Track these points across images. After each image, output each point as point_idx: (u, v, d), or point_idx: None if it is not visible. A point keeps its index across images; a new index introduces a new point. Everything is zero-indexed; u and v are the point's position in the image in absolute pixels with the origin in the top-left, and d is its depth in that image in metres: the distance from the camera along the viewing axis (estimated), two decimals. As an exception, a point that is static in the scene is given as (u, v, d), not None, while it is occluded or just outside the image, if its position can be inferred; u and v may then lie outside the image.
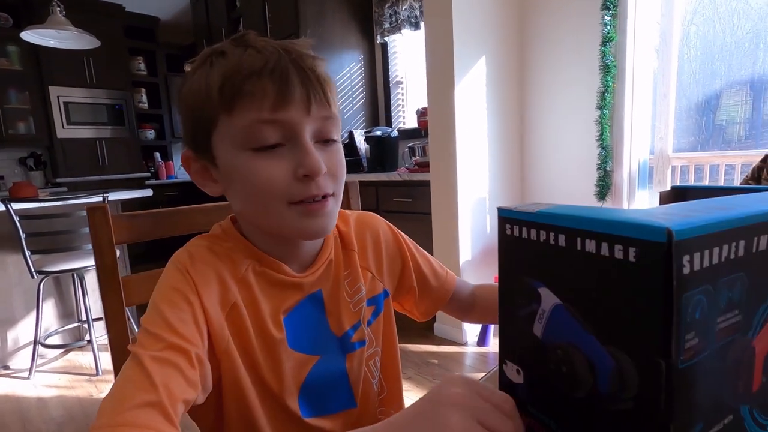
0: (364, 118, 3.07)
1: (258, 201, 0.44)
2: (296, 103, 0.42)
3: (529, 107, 2.27)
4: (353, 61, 2.96)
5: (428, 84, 2.05)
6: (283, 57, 0.42)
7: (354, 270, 0.53)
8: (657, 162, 2.06)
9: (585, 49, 2.04)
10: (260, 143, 0.42)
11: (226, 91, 0.41)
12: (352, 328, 0.52)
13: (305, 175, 0.42)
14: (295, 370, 0.48)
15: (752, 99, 1.81)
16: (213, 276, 0.45)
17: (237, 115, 0.41)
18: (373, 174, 2.54)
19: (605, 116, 2.01)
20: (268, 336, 0.47)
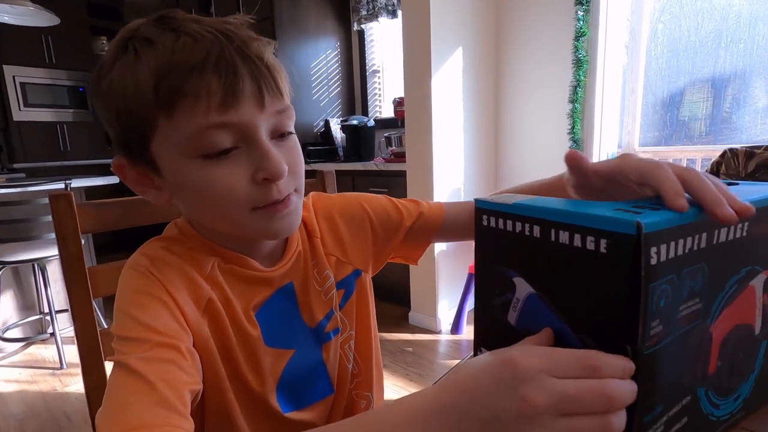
0: (341, 106, 3.04)
1: (216, 210, 0.40)
2: (248, 100, 0.37)
3: (504, 99, 2.30)
4: (329, 48, 2.91)
5: (405, 73, 2.04)
6: (225, 46, 0.36)
7: (320, 257, 0.52)
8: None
9: (559, 43, 2.07)
10: (212, 149, 0.37)
11: (162, 92, 0.35)
12: (325, 317, 0.51)
13: (265, 179, 0.39)
14: (271, 366, 0.47)
15: (713, 96, 1.89)
16: (179, 276, 0.42)
17: (179, 119, 0.36)
18: (349, 163, 2.53)
19: (576, 110, 2.06)
20: (246, 333, 0.45)
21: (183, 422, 0.33)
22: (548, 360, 0.24)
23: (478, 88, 2.20)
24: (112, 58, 0.38)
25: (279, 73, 0.40)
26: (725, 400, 0.32)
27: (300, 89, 2.77)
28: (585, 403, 0.23)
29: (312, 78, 2.84)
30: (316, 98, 2.89)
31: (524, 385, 0.23)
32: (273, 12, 2.56)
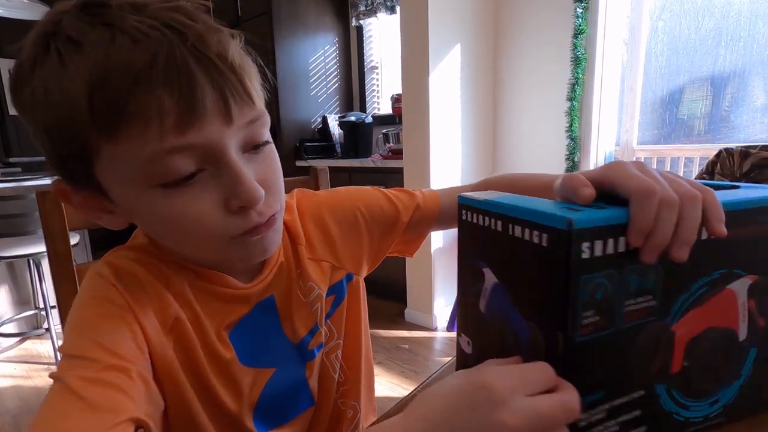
0: (339, 102, 3.02)
1: (187, 240, 0.35)
2: (211, 116, 0.31)
3: (503, 96, 2.29)
4: (328, 44, 2.90)
5: (403, 70, 2.03)
6: (176, 45, 0.29)
7: (304, 266, 0.46)
8: (622, 154, 2.13)
9: (558, 41, 2.06)
10: (171, 177, 0.31)
11: (98, 112, 0.29)
12: (309, 333, 0.47)
13: (242, 207, 0.33)
14: (250, 386, 0.43)
15: (712, 94, 1.88)
16: (146, 292, 0.37)
17: (126, 144, 0.30)
18: (347, 160, 2.52)
19: (574, 108, 2.06)
20: (218, 355, 0.41)
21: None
22: (520, 379, 0.25)
23: (476, 85, 2.19)
24: (32, 60, 0.30)
25: (248, 74, 0.33)
26: (698, 402, 0.32)
27: (298, 85, 2.76)
28: (555, 418, 0.25)
29: (310, 74, 2.83)
30: (314, 94, 2.87)
31: (501, 409, 0.24)
32: (271, 7, 2.55)
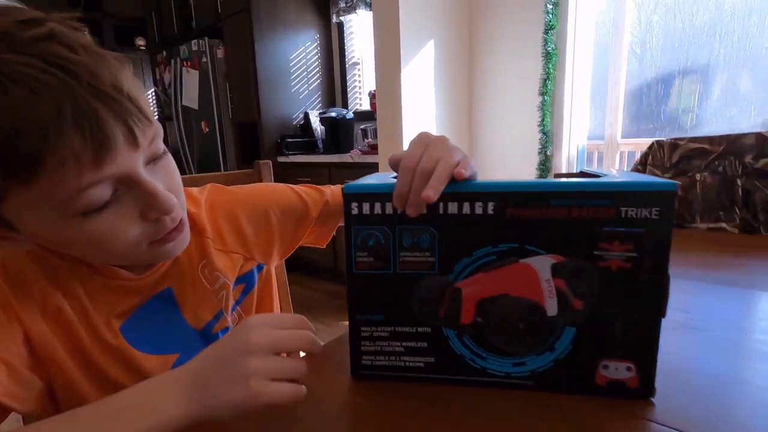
0: (320, 98, 3.05)
1: (108, 252, 0.38)
2: (120, 146, 0.33)
3: (478, 92, 2.33)
4: (309, 40, 2.92)
5: (376, 66, 2.07)
6: (75, 90, 0.30)
7: (209, 257, 0.49)
8: (606, 147, 2.14)
9: (530, 36, 2.10)
10: (91, 207, 0.34)
11: (12, 164, 0.30)
12: (214, 317, 0.50)
13: (157, 217, 0.38)
14: (152, 372, 0.45)
15: (702, 88, 1.85)
16: (29, 283, 0.40)
17: (42, 187, 0.31)
18: (326, 155, 2.55)
19: (546, 102, 2.09)
20: (107, 343, 0.43)
21: None
22: (271, 318, 0.34)
23: (450, 80, 2.22)
24: None
25: (140, 97, 0.35)
26: (498, 358, 0.38)
27: (278, 82, 2.78)
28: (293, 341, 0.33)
29: (291, 70, 2.85)
30: (296, 90, 2.90)
31: (250, 331, 0.32)
32: (250, 4, 2.57)
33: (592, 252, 0.34)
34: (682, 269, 0.65)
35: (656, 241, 0.33)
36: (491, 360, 0.38)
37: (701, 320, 0.48)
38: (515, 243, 0.35)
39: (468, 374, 0.39)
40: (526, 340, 0.37)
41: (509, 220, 0.35)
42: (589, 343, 0.36)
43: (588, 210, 0.33)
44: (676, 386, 0.36)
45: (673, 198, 0.32)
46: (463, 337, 0.38)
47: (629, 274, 0.33)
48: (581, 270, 0.34)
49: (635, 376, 0.35)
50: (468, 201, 0.35)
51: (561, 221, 0.34)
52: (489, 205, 0.35)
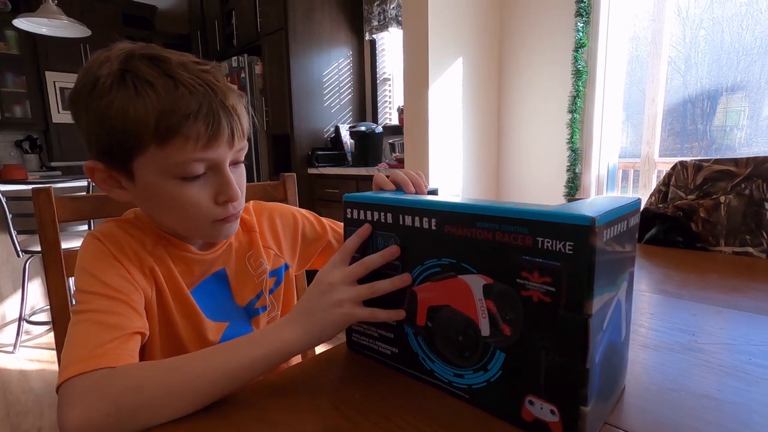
0: (351, 113, 3.13)
1: (183, 219, 0.51)
2: (223, 142, 0.49)
3: (506, 109, 2.33)
4: (342, 57, 3.02)
5: (405, 83, 2.11)
6: (213, 99, 0.47)
7: (257, 249, 0.63)
8: (642, 166, 2.08)
9: (560, 54, 2.09)
10: (189, 175, 0.48)
11: (162, 129, 0.45)
12: (256, 297, 0.62)
13: (225, 201, 0.51)
14: (211, 333, 0.56)
15: (749, 107, 1.77)
16: (126, 247, 0.52)
17: (170, 150, 0.46)
18: (355, 168, 2.61)
19: (575, 120, 2.08)
20: (189, 305, 0.55)
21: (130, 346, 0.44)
22: (341, 261, 0.45)
23: (479, 97, 2.24)
24: (110, 84, 0.45)
25: (244, 119, 0.51)
26: (443, 364, 0.40)
27: (311, 96, 2.89)
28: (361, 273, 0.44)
29: (324, 85, 2.95)
30: (328, 105, 2.99)
31: (327, 274, 0.45)
32: (287, 23, 2.69)
33: (515, 279, 0.33)
34: (695, 291, 0.64)
35: (572, 277, 0.30)
36: (438, 364, 0.41)
37: (706, 343, 0.48)
38: (453, 259, 0.38)
39: (421, 372, 0.42)
40: (463, 353, 0.38)
41: (447, 237, 0.37)
42: (517, 373, 0.34)
43: (509, 236, 0.33)
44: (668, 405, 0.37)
45: (589, 233, 0.28)
46: (418, 337, 0.42)
47: (549, 308, 0.31)
48: (507, 295, 0.34)
49: (558, 422, 0.32)
50: (418, 215, 0.40)
51: (488, 244, 0.34)
52: (432, 221, 0.39)
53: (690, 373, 0.42)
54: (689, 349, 0.47)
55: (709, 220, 0.87)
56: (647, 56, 1.97)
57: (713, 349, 0.47)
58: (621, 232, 0.33)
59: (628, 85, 2.08)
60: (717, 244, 0.87)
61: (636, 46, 2.05)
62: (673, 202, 0.92)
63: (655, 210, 0.92)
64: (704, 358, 0.45)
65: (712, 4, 1.84)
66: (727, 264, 0.80)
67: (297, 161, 2.85)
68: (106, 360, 0.40)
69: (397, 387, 0.42)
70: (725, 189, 0.87)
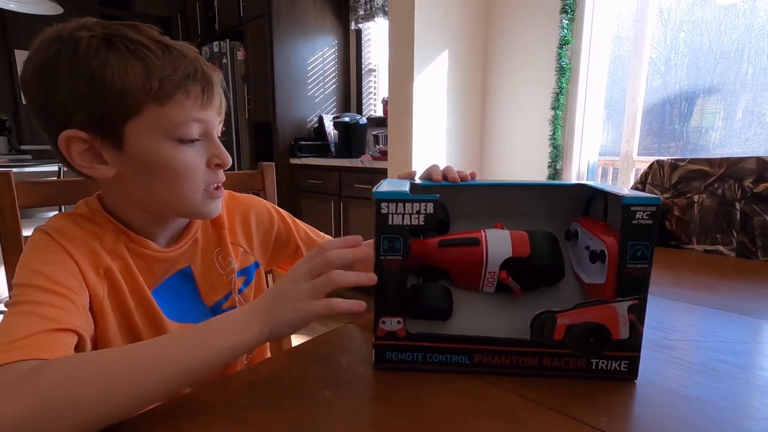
0: (336, 103, 3.10)
1: (175, 187, 0.49)
2: (214, 106, 0.49)
3: (490, 104, 2.34)
4: (327, 46, 2.97)
5: (389, 74, 2.09)
6: (203, 64, 0.49)
7: (225, 245, 0.60)
8: (621, 164, 2.11)
9: (544, 50, 2.10)
10: (186, 137, 0.47)
11: (165, 86, 0.45)
12: (224, 297, 0.59)
13: (217, 165, 0.51)
14: None
15: (724, 109, 1.81)
16: (81, 244, 0.47)
17: (170, 109, 0.45)
18: (338, 159, 2.59)
19: (558, 117, 2.09)
20: (149, 305, 0.51)
21: (66, 340, 0.39)
22: (308, 256, 0.44)
23: (464, 90, 2.24)
24: (97, 46, 0.43)
25: (223, 97, 0.53)
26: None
27: (295, 85, 2.84)
28: (328, 265, 0.41)
29: (308, 74, 2.91)
30: (311, 94, 2.95)
31: (295, 267, 0.43)
32: (270, 9, 2.63)
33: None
34: (668, 288, 0.66)
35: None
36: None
37: (675, 339, 0.49)
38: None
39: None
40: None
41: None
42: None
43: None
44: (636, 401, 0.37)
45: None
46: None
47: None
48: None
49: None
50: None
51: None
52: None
53: (659, 369, 0.43)
54: (659, 345, 0.47)
55: (682, 219, 0.89)
56: (629, 56, 2.00)
57: (682, 346, 0.47)
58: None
59: (609, 85, 2.10)
60: (689, 242, 0.89)
61: (619, 46, 2.07)
62: (649, 200, 0.93)
63: (632, 207, 0.93)
64: (674, 354, 0.45)
65: (692, 8, 1.87)
66: (698, 262, 0.82)
67: (279, 151, 2.80)
68: (36, 351, 0.36)
69: (366, 385, 0.41)
70: (699, 188, 0.89)
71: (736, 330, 0.52)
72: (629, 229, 0.39)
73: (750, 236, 0.84)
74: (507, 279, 0.44)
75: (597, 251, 0.43)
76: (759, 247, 0.83)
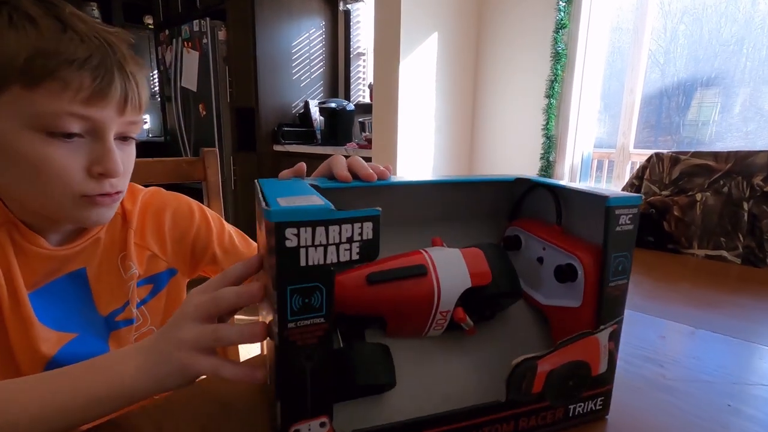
0: (322, 88, 2.97)
1: (41, 187, 0.41)
2: (112, 104, 0.41)
3: (481, 90, 2.23)
4: (313, 27, 2.83)
5: (374, 57, 1.98)
6: (109, 55, 0.41)
7: (129, 247, 0.52)
8: (617, 156, 2.03)
9: (540, 35, 1.99)
10: (58, 130, 0.39)
11: (35, 68, 0.37)
12: (120, 307, 0.52)
13: (101, 174, 0.42)
14: (45, 345, 0.46)
15: (722, 102, 1.76)
16: None
17: (40, 96, 0.38)
18: (323, 147, 2.48)
19: (552, 106, 1.99)
20: (21, 307, 0.45)
21: None
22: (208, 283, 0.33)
23: (453, 76, 2.12)
24: None
25: (144, 92, 0.45)
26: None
27: (279, 68, 2.70)
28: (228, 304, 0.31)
29: (293, 57, 2.77)
30: (297, 78, 2.82)
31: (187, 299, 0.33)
32: (254, -14, 2.48)
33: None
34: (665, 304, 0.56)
35: None
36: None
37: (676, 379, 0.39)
38: None
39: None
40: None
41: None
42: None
43: None
44: None
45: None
46: None
47: None
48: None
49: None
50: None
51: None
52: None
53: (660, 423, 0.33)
54: (657, 387, 0.38)
55: (683, 220, 0.79)
56: (628, 47, 1.90)
57: (686, 389, 0.38)
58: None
59: (607, 76, 2.01)
60: (689, 247, 0.79)
61: (618, 37, 1.98)
62: (647, 197, 0.84)
63: (627, 206, 0.84)
64: (675, 403, 0.36)
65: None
66: (699, 270, 0.72)
67: (262, 137, 2.68)
68: None
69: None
70: (702, 185, 0.79)
71: (750, 365, 0.43)
72: (613, 238, 0.30)
73: (758, 241, 0.74)
74: (464, 318, 0.33)
75: (564, 267, 0.33)
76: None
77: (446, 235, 0.37)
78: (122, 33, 0.43)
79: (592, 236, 0.33)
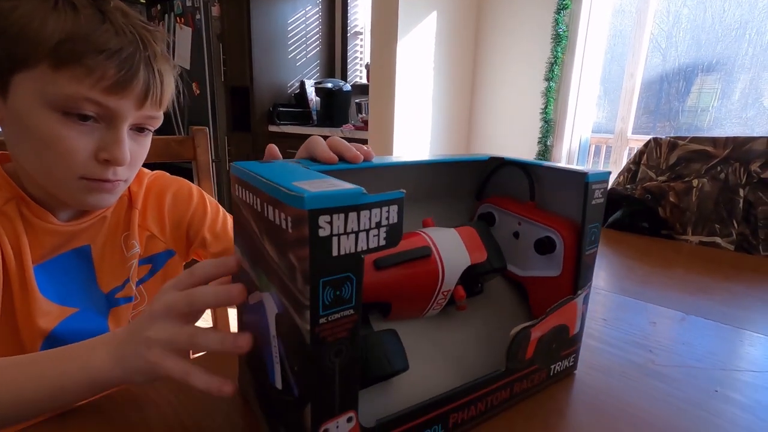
0: (319, 68, 2.91)
1: (46, 163, 0.42)
2: (132, 97, 0.42)
3: (480, 70, 2.19)
4: (310, 4, 2.76)
5: (372, 36, 1.93)
6: (139, 50, 0.42)
7: (133, 228, 0.54)
8: (615, 142, 2.01)
9: (541, 15, 1.95)
10: (74, 111, 0.41)
11: (63, 51, 0.39)
12: (120, 285, 0.53)
13: (106, 160, 0.43)
14: (44, 318, 0.47)
15: (722, 88, 1.74)
16: None
17: (64, 78, 0.39)
18: (319, 128, 2.44)
19: (551, 89, 1.96)
20: (26, 280, 0.46)
21: None
22: (180, 276, 0.32)
23: (453, 56, 2.08)
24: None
25: (168, 91, 0.46)
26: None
27: (275, 46, 2.64)
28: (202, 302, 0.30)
29: (289, 35, 2.71)
30: (293, 57, 2.76)
31: (159, 293, 0.32)
32: (248, -40, 2.40)
33: None
34: (657, 290, 0.56)
35: None
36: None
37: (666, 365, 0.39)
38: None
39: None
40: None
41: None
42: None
43: None
44: None
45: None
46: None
47: None
48: None
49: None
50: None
51: None
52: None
53: (648, 408, 0.33)
54: (646, 373, 0.38)
55: (678, 206, 0.79)
56: (630, 30, 1.86)
57: (675, 374, 0.38)
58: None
59: (608, 61, 1.98)
60: (684, 233, 0.79)
61: (620, 20, 1.94)
62: (643, 183, 0.83)
63: (622, 191, 0.83)
64: (663, 389, 0.36)
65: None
66: (693, 256, 0.72)
67: (257, 117, 2.64)
68: None
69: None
70: (699, 171, 0.79)
71: (739, 351, 0.43)
72: (589, 211, 0.33)
73: (752, 227, 0.74)
74: (464, 296, 0.34)
75: (544, 239, 0.36)
76: (761, 241, 0.73)
77: (420, 216, 0.37)
78: (160, 32, 0.45)
79: (564, 210, 0.36)
